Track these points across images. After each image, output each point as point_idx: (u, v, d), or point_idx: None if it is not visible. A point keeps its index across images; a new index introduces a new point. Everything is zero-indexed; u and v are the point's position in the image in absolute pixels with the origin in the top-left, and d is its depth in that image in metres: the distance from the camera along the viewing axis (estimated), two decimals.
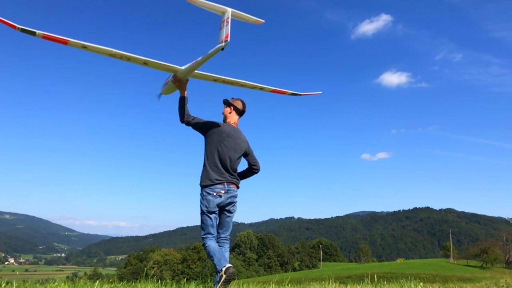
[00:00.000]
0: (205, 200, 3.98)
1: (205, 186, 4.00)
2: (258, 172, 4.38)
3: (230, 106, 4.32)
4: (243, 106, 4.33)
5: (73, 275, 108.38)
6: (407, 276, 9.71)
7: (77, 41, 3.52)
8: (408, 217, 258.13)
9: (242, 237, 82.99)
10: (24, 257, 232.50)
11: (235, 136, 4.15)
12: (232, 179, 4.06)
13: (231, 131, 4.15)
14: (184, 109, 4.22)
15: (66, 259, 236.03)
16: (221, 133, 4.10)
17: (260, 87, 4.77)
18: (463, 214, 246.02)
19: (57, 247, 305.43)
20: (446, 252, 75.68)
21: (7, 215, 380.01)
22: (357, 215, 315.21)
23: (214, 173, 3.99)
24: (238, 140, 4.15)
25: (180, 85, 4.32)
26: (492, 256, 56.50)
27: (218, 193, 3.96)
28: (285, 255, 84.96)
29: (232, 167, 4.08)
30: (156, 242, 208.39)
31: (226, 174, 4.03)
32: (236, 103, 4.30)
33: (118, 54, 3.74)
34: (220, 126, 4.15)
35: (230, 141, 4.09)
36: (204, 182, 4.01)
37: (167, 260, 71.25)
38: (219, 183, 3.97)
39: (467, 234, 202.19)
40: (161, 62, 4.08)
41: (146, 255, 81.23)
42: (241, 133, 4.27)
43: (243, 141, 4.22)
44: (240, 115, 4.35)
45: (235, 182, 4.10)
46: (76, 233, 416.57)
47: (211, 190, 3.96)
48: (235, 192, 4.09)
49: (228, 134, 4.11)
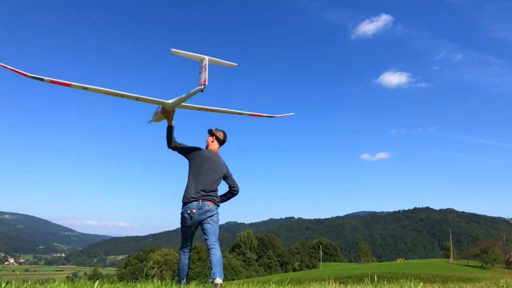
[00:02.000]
0: (181, 217, 4.51)
1: (183, 204, 4.50)
2: (237, 194, 4.88)
3: (212, 136, 4.88)
4: (224, 137, 4.91)
5: (73, 275, 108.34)
6: (407, 276, 9.71)
7: (78, 84, 4.13)
8: (408, 217, 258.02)
9: (242, 237, 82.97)
10: (24, 257, 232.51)
11: (215, 160, 4.67)
12: (207, 196, 4.47)
13: (211, 155, 4.69)
14: (171, 136, 4.79)
15: (66, 259, 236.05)
16: (202, 156, 4.64)
17: (238, 112, 5.32)
18: (463, 214, 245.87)
19: (57, 247, 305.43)
20: (446, 252, 75.69)
21: (7, 215, 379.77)
22: (357, 215, 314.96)
23: (192, 192, 4.46)
24: (218, 163, 4.66)
25: (167, 116, 4.88)
26: (492, 256, 56.49)
27: (190, 212, 4.41)
28: (285, 255, 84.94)
29: (210, 187, 4.52)
30: (156, 242, 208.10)
31: (202, 193, 4.46)
32: (218, 133, 4.89)
33: (113, 93, 4.31)
34: (201, 150, 4.71)
35: (210, 163, 4.61)
36: (183, 200, 4.51)
37: (167, 260, 71.18)
38: (194, 201, 4.42)
39: (467, 234, 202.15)
40: (150, 98, 4.62)
41: (146, 255, 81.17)
42: (221, 158, 4.80)
43: (223, 165, 4.73)
44: (220, 145, 4.91)
45: (210, 199, 4.49)
46: (76, 233, 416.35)
47: (187, 208, 4.43)
48: (210, 207, 4.44)
49: (209, 158, 4.64)
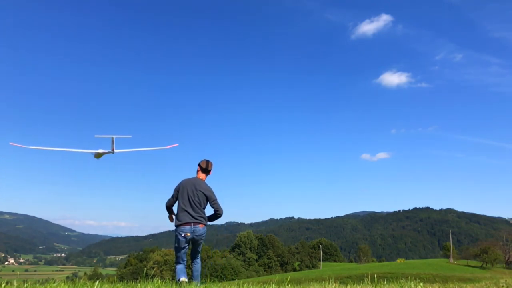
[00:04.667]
0: (176, 239, 5.45)
1: (176, 226, 5.42)
2: (221, 216, 5.69)
3: (198, 165, 5.79)
4: (206, 165, 5.74)
5: (73, 275, 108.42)
6: (407, 276, 9.71)
7: None
8: (408, 217, 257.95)
9: (242, 237, 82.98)
10: (24, 257, 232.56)
11: (197, 186, 5.54)
12: (198, 220, 5.42)
13: (193, 183, 5.57)
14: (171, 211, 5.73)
15: (66, 259, 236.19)
16: (183, 186, 5.55)
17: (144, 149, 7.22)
18: (463, 214, 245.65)
19: (57, 247, 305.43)
20: (446, 252, 75.71)
21: (7, 215, 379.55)
22: (357, 215, 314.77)
23: (183, 216, 5.39)
24: (200, 189, 5.52)
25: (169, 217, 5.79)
26: (492, 256, 56.48)
27: (185, 235, 5.37)
28: (285, 255, 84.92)
29: (197, 212, 5.43)
30: (156, 242, 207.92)
31: (192, 218, 5.39)
32: (201, 162, 5.78)
33: None
34: (183, 182, 5.62)
35: (190, 191, 5.47)
36: (176, 223, 5.45)
37: (167, 260, 71.14)
38: (186, 224, 5.37)
39: (467, 234, 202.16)
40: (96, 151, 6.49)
41: (146, 255, 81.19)
42: (205, 184, 5.66)
43: (206, 190, 5.58)
44: (205, 172, 5.76)
45: (201, 221, 5.45)
46: (76, 233, 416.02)
47: (181, 231, 5.37)
48: (201, 230, 5.46)
49: (193, 184, 5.55)
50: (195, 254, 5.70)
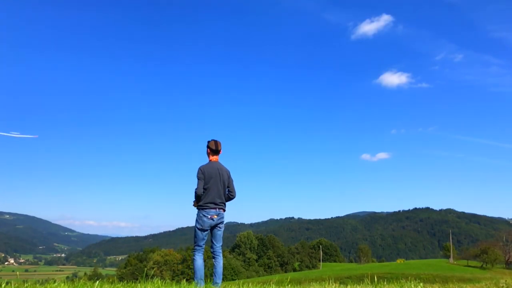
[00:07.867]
0: (200, 220, 5.18)
1: (202, 208, 5.18)
2: (233, 198, 5.46)
3: (207, 147, 5.44)
4: (215, 145, 5.41)
5: (73, 276, 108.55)
6: (407, 276, 9.71)
7: None
8: (408, 218, 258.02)
9: (242, 238, 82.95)
10: (24, 257, 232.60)
11: (218, 171, 5.30)
12: (222, 205, 5.28)
13: (213, 169, 5.27)
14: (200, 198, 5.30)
15: (66, 259, 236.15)
16: (210, 171, 5.26)
17: None
18: (463, 214, 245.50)
19: (57, 247, 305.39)
20: (446, 253, 75.78)
21: (7, 215, 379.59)
22: (357, 216, 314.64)
23: (211, 198, 5.18)
24: (221, 175, 5.29)
25: None
26: (492, 257, 56.51)
27: (211, 217, 5.17)
28: (285, 255, 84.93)
29: (221, 198, 5.27)
30: (156, 242, 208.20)
31: (218, 202, 5.22)
32: (210, 144, 5.44)
33: None
34: (206, 168, 5.27)
35: (214, 177, 5.23)
36: (200, 205, 5.19)
37: (167, 260, 71.17)
38: (212, 208, 5.18)
39: (467, 234, 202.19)
40: None
41: (146, 255, 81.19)
42: (222, 166, 5.40)
43: (225, 172, 5.37)
44: (215, 153, 5.44)
45: (223, 207, 5.31)
46: (76, 233, 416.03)
47: (206, 213, 5.15)
48: (223, 215, 5.31)
49: (217, 169, 5.29)
50: (216, 247, 5.30)
